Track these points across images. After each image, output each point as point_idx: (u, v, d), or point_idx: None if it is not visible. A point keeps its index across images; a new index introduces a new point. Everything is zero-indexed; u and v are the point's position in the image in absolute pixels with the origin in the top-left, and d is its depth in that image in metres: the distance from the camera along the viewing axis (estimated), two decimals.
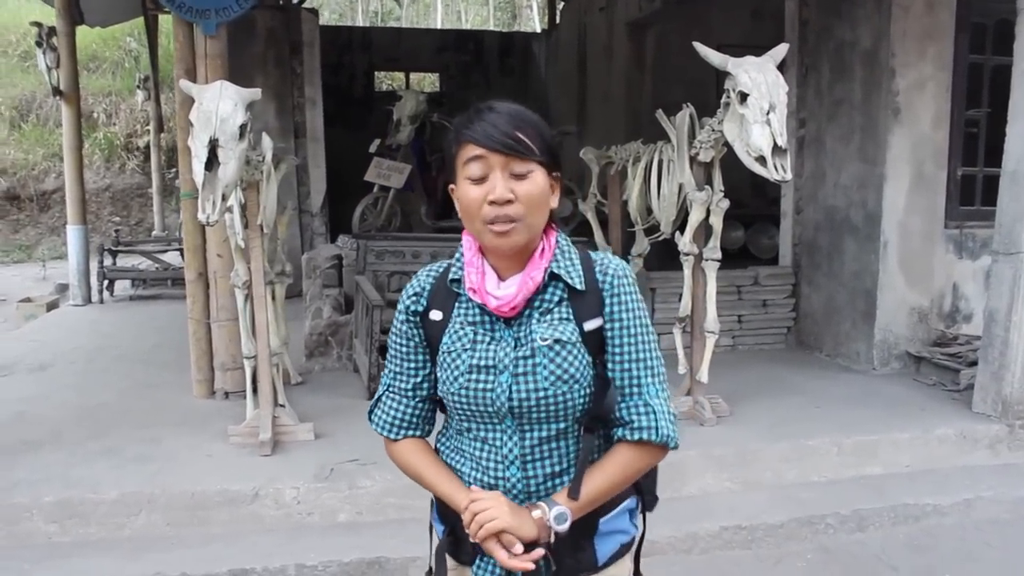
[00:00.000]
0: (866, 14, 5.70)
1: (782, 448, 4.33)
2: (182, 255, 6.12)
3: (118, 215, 14.37)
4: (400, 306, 1.71)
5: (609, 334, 1.60)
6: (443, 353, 1.63)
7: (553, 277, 1.60)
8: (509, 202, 1.51)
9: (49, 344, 6.62)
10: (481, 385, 1.58)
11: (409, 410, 1.72)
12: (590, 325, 1.59)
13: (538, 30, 19.11)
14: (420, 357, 1.70)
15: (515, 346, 1.58)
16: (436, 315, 1.65)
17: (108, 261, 8.97)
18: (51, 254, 13.09)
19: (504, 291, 1.58)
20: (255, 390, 4.42)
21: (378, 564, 3.40)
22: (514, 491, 1.60)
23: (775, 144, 3.77)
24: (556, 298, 1.60)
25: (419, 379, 1.71)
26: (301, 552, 3.45)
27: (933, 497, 4.08)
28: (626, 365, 1.60)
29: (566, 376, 1.55)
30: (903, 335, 5.71)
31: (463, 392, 1.59)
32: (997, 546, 3.80)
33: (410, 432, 1.73)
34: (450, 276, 1.65)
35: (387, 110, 9.25)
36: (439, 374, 1.65)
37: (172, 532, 3.63)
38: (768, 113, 3.79)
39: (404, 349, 1.71)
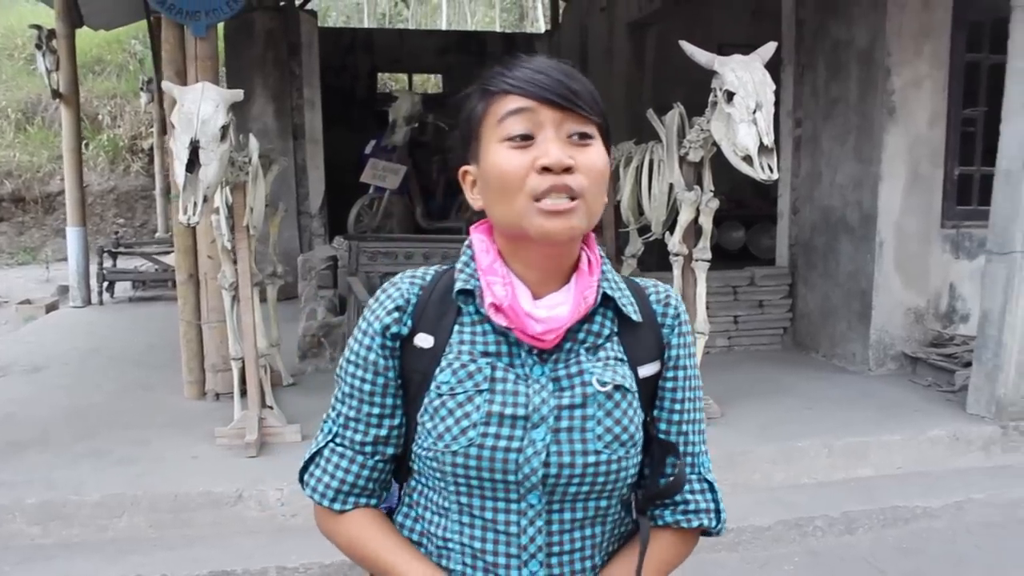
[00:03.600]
0: (862, 12, 5.66)
1: (771, 450, 4.29)
2: None
3: (122, 217, 14.41)
4: (368, 326, 1.20)
5: (669, 384, 1.22)
6: (439, 396, 1.14)
7: (605, 301, 1.18)
8: (568, 170, 1.08)
9: (46, 346, 6.63)
10: (503, 443, 1.10)
11: (365, 471, 1.22)
12: (645, 371, 1.19)
13: (543, 31, 19.08)
14: (390, 400, 1.20)
15: (554, 390, 1.14)
16: (424, 340, 1.17)
17: (108, 263, 8.98)
18: (55, 256, 13.09)
19: (551, 311, 1.12)
20: (243, 392, 4.42)
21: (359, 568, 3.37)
22: None
23: (762, 143, 3.74)
24: (606, 331, 1.18)
25: (383, 432, 1.20)
26: (283, 554, 3.43)
27: (924, 499, 4.05)
28: (683, 428, 1.23)
29: (624, 436, 1.14)
30: (899, 336, 5.66)
31: (472, 452, 1.11)
32: (988, 549, 3.76)
33: (362, 500, 1.23)
34: (458, 286, 1.16)
35: (384, 111, 9.24)
36: (428, 426, 1.15)
37: (155, 534, 3.62)
38: (755, 112, 3.75)
39: (368, 387, 1.19)
